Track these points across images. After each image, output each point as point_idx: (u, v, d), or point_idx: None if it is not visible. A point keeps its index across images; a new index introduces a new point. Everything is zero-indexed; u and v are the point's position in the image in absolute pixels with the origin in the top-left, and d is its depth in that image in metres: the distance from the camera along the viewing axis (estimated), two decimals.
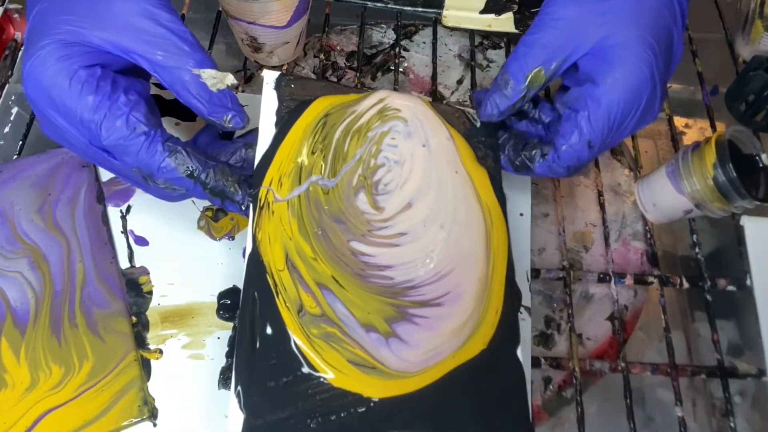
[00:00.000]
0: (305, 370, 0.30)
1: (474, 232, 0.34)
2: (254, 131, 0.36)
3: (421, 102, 0.37)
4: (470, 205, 0.35)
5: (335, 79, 0.52)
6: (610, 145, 0.34)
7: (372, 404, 0.30)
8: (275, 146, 0.35)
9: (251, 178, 0.34)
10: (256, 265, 0.32)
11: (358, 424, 0.29)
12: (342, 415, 0.29)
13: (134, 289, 0.39)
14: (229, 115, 0.32)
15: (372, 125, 0.36)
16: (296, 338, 0.31)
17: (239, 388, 0.30)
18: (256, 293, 0.32)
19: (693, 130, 0.61)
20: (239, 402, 0.30)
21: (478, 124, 0.37)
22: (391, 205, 0.34)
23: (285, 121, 0.36)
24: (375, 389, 0.30)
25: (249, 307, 0.32)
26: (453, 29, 0.53)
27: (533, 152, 0.34)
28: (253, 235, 0.33)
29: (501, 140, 0.37)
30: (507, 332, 0.33)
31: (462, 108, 0.38)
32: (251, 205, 0.34)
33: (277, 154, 0.35)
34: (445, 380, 0.31)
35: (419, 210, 0.34)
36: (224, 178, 0.33)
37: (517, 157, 0.36)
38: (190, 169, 0.32)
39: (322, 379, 0.30)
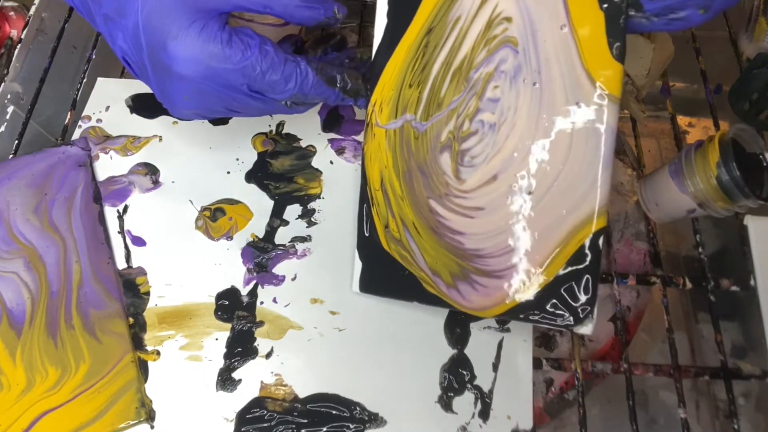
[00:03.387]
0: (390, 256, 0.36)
1: (580, 192, 0.29)
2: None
3: None
4: (591, 149, 0.29)
5: None
6: None
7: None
8: (387, 46, 0.34)
9: (368, 74, 0.36)
10: (363, 173, 0.37)
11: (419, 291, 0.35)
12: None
13: (131, 289, 0.39)
14: (335, 7, 0.34)
15: (476, 58, 0.32)
16: (381, 240, 0.36)
17: (359, 251, 0.37)
18: (366, 192, 0.36)
19: (696, 128, 0.60)
20: (360, 255, 0.37)
21: None
22: (473, 178, 0.32)
23: (397, 14, 0.34)
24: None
25: (363, 200, 0.37)
26: None
27: None
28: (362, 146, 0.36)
29: None
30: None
31: None
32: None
33: (381, 77, 0.35)
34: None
35: (504, 182, 0.31)
36: (356, 78, 0.36)
37: None
38: (334, 77, 0.35)
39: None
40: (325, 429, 0.35)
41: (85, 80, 0.48)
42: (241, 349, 0.37)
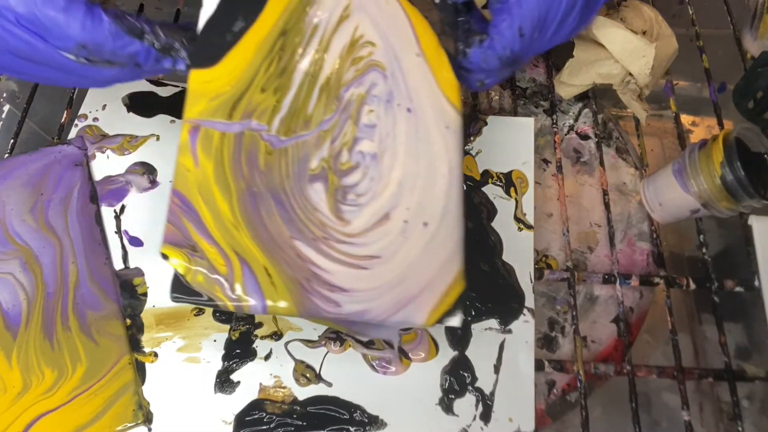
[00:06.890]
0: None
1: (456, 221, 0.27)
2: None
3: None
4: (454, 166, 0.28)
5: None
6: (541, 40, 0.32)
7: None
8: (222, 13, 0.30)
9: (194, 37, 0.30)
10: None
11: None
12: None
13: (128, 290, 0.38)
14: None
15: (344, 75, 0.29)
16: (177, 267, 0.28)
17: None
18: None
19: (700, 128, 0.60)
20: None
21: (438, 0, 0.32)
22: (360, 219, 0.27)
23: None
24: None
25: None
26: None
27: (474, 38, 0.31)
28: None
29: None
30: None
31: None
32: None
33: (219, 66, 0.29)
34: None
35: (398, 218, 0.27)
36: (173, 33, 0.30)
37: (458, 40, 0.31)
38: (139, 28, 0.29)
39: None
40: None
41: None
42: (239, 350, 0.37)
